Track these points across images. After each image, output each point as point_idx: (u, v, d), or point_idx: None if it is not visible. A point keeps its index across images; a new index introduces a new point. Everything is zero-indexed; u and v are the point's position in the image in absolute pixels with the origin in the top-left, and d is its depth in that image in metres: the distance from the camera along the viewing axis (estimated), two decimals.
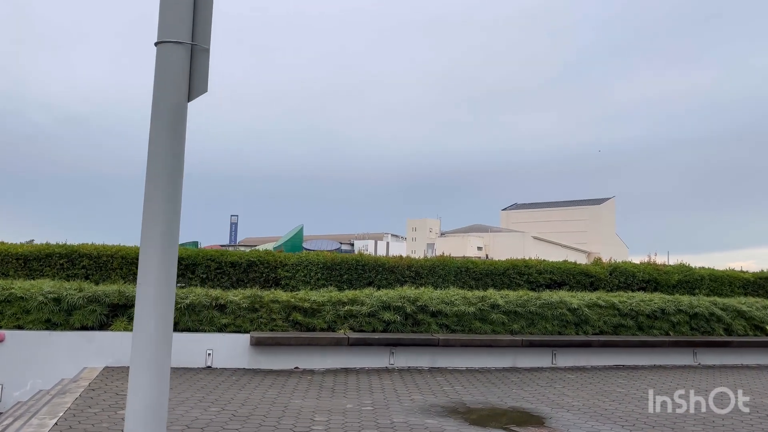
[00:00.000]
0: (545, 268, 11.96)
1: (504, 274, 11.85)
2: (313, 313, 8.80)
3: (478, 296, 9.53)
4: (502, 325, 9.35)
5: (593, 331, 9.78)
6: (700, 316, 10.40)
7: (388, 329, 8.87)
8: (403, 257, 11.71)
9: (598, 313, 9.89)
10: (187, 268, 10.80)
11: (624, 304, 10.12)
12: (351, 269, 11.24)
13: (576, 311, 9.67)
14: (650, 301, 10.32)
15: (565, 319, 9.62)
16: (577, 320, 9.72)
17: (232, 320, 8.42)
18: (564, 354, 9.40)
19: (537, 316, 9.53)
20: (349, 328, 8.75)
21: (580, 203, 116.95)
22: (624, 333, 9.97)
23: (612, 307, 10.04)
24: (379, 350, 8.67)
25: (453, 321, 9.18)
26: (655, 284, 12.35)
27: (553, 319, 9.57)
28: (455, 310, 9.16)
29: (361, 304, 8.96)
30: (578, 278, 12.11)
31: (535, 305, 9.52)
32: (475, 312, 9.25)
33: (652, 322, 10.14)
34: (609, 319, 9.91)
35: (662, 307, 10.20)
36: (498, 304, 9.40)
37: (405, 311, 8.97)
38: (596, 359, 9.59)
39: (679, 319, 10.20)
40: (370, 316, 8.88)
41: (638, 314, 10.07)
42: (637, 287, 12.26)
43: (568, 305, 9.66)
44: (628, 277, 12.31)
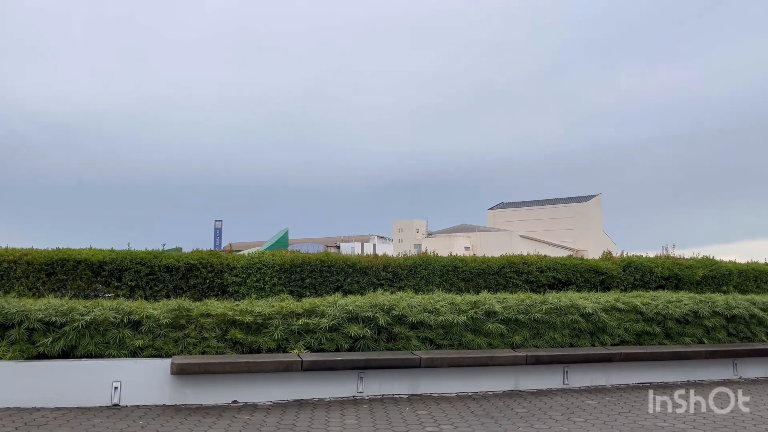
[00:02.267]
0: (547, 265, 10.08)
1: (499, 273, 9.96)
2: (257, 329, 6.83)
3: (469, 302, 7.61)
4: (500, 337, 7.45)
5: (612, 341, 7.91)
6: (738, 319, 8.58)
7: (355, 347, 6.94)
8: (379, 256, 9.78)
9: (617, 318, 8.02)
10: (111, 274, 8.80)
11: (648, 306, 8.26)
12: (315, 272, 9.29)
13: (591, 317, 7.79)
14: (679, 302, 8.48)
15: (578, 327, 7.75)
16: (593, 328, 7.84)
17: (150, 341, 6.44)
18: (578, 371, 7.52)
19: (543, 324, 7.63)
20: (305, 348, 6.81)
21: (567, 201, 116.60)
22: (649, 342, 8.11)
23: (634, 311, 8.18)
24: (344, 375, 6.72)
25: (439, 334, 7.25)
26: (676, 281, 10.54)
27: (563, 328, 7.69)
28: (441, 320, 7.24)
29: (320, 315, 7.03)
30: (587, 276, 10.26)
31: (540, 311, 7.63)
32: (467, 322, 7.34)
33: (682, 328, 8.28)
34: (631, 326, 8.05)
35: (694, 309, 8.36)
36: (495, 311, 7.49)
37: (377, 323, 7.04)
38: (618, 376, 7.72)
39: (714, 324, 8.37)
40: (332, 330, 6.93)
41: (666, 319, 8.22)
42: (655, 285, 10.43)
43: (581, 310, 7.78)
44: (644, 273, 10.48)
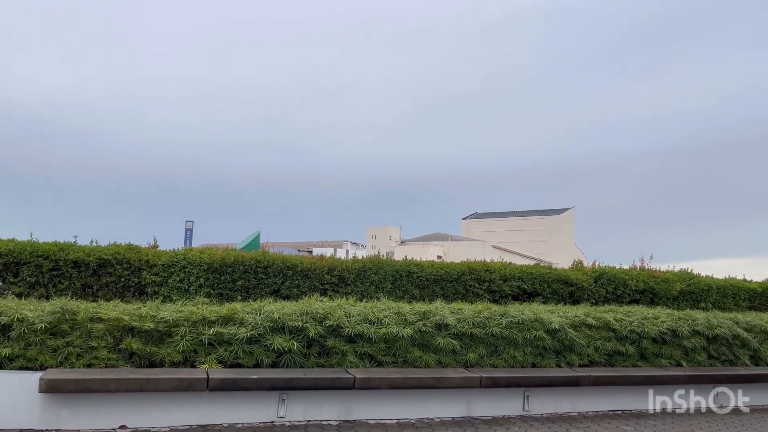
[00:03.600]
0: (512, 274, 9.10)
1: (458, 280, 8.95)
2: (160, 338, 5.69)
3: (418, 312, 6.56)
4: (452, 355, 6.42)
5: (580, 361, 6.93)
6: (720, 340, 7.69)
7: (279, 362, 5.84)
8: (324, 257, 8.69)
9: (587, 335, 7.05)
10: (7, 268, 7.53)
11: (621, 323, 7.31)
12: (248, 273, 8.16)
13: (557, 333, 6.81)
14: (656, 319, 7.55)
15: (543, 345, 6.76)
16: (559, 346, 6.86)
17: (21, 350, 5.29)
18: (541, 396, 6.52)
19: (502, 340, 6.62)
20: (218, 362, 5.68)
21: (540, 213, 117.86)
22: (622, 363, 7.15)
23: (606, 328, 7.22)
24: (262, 397, 5.60)
25: (380, 349, 6.19)
26: (651, 295, 9.64)
27: (526, 345, 6.68)
28: (384, 333, 6.18)
29: (239, 323, 5.90)
30: (555, 287, 9.30)
31: (499, 325, 6.62)
32: (414, 335, 6.28)
33: (659, 348, 7.35)
34: (602, 345, 7.08)
35: (673, 327, 7.44)
36: (447, 324, 6.46)
37: (307, 335, 5.94)
38: (586, 402, 6.74)
39: (694, 344, 7.46)
40: (252, 342, 5.83)
41: (641, 337, 7.29)
42: (629, 299, 9.52)
43: (547, 325, 6.80)
44: (618, 285, 9.57)
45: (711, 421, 6.77)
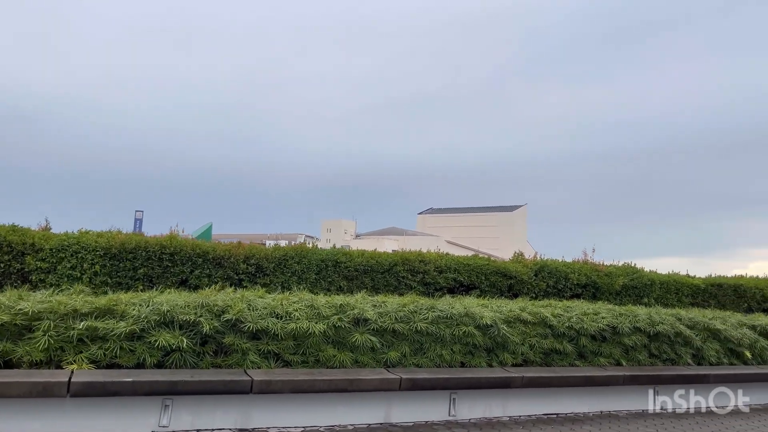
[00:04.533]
0: (448, 265, 8.46)
1: (390, 271, 8.25)
2: (19, 333, 4.74)
3: (334, 305, 5.80)
4: (371, 353, 5.70)
5: (514, 360, 6.32)
6: (662, 338, 7.20)
7: (167, 362, 4.97)
8: (241, 244, 7.83)
9: (522, 332, 6.45)
10: None
11: (559, 319, 6.74)
12: (152, 260, 7.26)
13: (489, 330, 6.18)
14: (596, 314, 7.01)
15: (473, 342, 6.12)
16: (491, 344, 6.23)
17: None
18: (468, 399, 5.88)
19: (428, 337, 5.93)
20: (90, 362, 4.80)
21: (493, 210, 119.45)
22: (559, 363, 6.58)
23: (542, 324, 6.63)
24: (140, 403, 4.75)
25: (288, 347, 5.41)
26: (594, 290, 9.15)
27: (454, 343, 6.03)
28: (292, 329, 5.41)
29: (119, 316, 5.01)
30: (493, 279, 8.71)
31: (425, 320, 5.93)
32: (327, 331, 5.53)
33: (598, 347, 6.81)
34: (538, 342, 6.49)
35: (613, 324, 6.90)
36: (366, 318, 5.74)
37: (201, 331, 5.10)
38: (518, 405, 6.12)
39: (635, 342, 6.94)
40: (134, 338, 4.96)
41: (579, 335, 6.72)
42: (570, 293, 9.00)
43: (478, 320, 6.16)
44: (559, 279, 9.04)
45: (650, 424, 6.27)
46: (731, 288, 12.12)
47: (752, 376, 7.46)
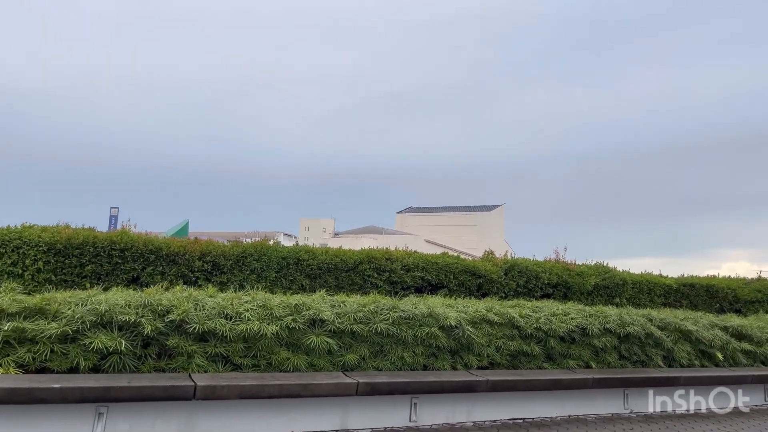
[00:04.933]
0: (415, 263, 8.17)
1: (355, 269, 7.94)
2: None
3: (288, 305, 5.46)
4: (328, 356, 5.37)
5: (479, 363, 6.05)
6: (633, 339, 6.98)
7: (103, 366, 4.61)
8: (198, 240, 7.44)
9: (488, 333, 6.18)
10: None
11: (527, 319, 6.48)
12: (100, 256, 6.86)
13: (453, 331, 5.90)
14: (565, 315, 6.77)
15: (436, 344, 5.83)
16: (455, 346, 5.95)
17: None
18: (431, 404, 5.58)
19: (389, 339, 5.64)
20: (17, 366, 4.42)
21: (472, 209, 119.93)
22: (527, 365, 6.32)
23: (510, 325, 6.36)
24: (71, 411, 4.38)
25: (238, 350, 5.06)
26: (565, 289, 8.94)
27: (416, 344, 5.73)
28: (242, 330, 5.05)
29: (51, 316, 4.63)
30: (462, 278, 8.44)
31: (386, 320, 5.62)
32: (280, 333, 5.20)
33: (567, 348, 6.57)
34: (504, 344, 6.22)
35: (583, 325, 6.67)
36: (323, 319, 5.41)
37: (142, 332, 4.72)
38: (483, 410, 5.85)
39: (605, 344, 6.71)
40: (67, 341, 4.57)
41: (548, 336, 6.47)
42: (541, 293, 8.77)
43: (442, 321, 5.87)
44: (530, 278, 8.80)
45: (620, 429, 6.05)
46: (703, 288, 12.03)
47: (724, 378, 7.30)
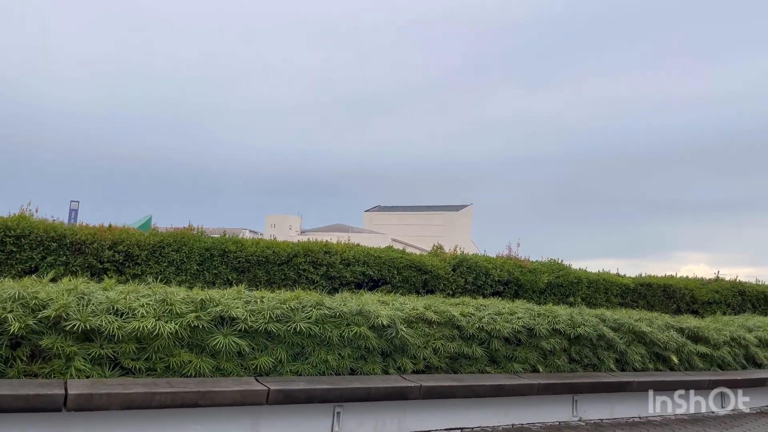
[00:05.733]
0: (356, 257, 7.55)
1: (289, 263, 7.28)
2: None
3: (193, 300, 4.75)
4: (238, 359, 4.68)
5: (415, 366, 5.44)
6: (584, 341, 6.46)
7: None
8: (112, 227, 6.65)
9: (425, 334, 5.56)
10: None
11: (469, 319, 5.91)
12: None
13: (386, 331, 5.26)
14: (511, 314, 6.21)
15: (366, 346, 5.19)
16: (388, 347, 5.33)
17: None
18: (357, 412, 4.96)
19: (311, 339, 4.97)
20: None
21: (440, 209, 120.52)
22: (468, 369, 5.74)
23: (450, 324, 5.77)
24: None
25: (129, 351, 4.36)
26: (516, 287, 8.43)
27: (343, 346, 5.09)
28: (134, 328, 4.30)
29: None
30: (406, 274, 7.85)
31: (308, 319, 4.95)
32: (180, 332, 4.48)
33: (512, 351, 6.00)
34: (443, 345, 5.63)
35: (530, 325, 6.11)
36: (233, 317, 4.70)
37: (9, 330, 3.96)
38: (416, 419, 5.25)
39: (553, 346, 6.17)
40: None
41: (492, 337, 5.89)
42: (491, 291, 8.25)
43: (373, 319, 5.22)
44: (479, 275, 8.27)
45: None
46: (660, 288, 11.69)
47: (678, 383, 6.84)
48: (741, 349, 8.20)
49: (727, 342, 8.12)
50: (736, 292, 12.46)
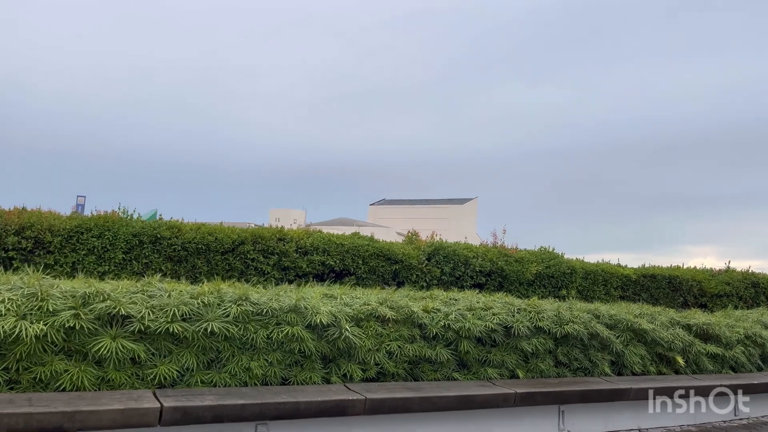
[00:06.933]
0: (314, 245, 6.58)
1: (234, 251, 6.33)
2: None
3: (74, 294, 3.74)
4: (132, 367, 3.69)
5: (365, 374, 4.45)
6: (572, 340, 5.42)
7: None
8: (23, 210, 5.69)
9: (378, 334, 4.55)
10: None
11: (434, 316, 4.87)
12: None
13: (327, 331, 4.24)
14: (486, 309, 5.18)
15: (301, 349, 4.15)
16: (330, 351, 4.34)
17: None
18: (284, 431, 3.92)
19: (229, 342, 3.97)
20: None
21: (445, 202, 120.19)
22: (431, 376, 4.74)
23: (409, 322, 4.78)
24: None
25: None
26: (501, 278, 7.45)
27: (272, 350, 4.10)
28: None
29: None
30: (373, 264, 6.87)
31: (224, 317, 3.95)
32: (52, 334, 3.46)
33: (486, 354, 4.98)
34: (401, 348, 4.61)
35: (507, 322, 5.08)
36: (127, 315, 3.69)
37: None
38: None
39: (536, 347, 5.13)
40: None
41: (461, 337, 4.85)
42: (471, 283, 7.24)
43: (310, 317, 4.21)
44: (457, 265, 7.27)
45: None
46: (666, 280, 10.66)
47: (685, 389, 5.81)
48: (757, 348, 7.19)
49: (740, 340, 7.12)
50: (749, 284, 11.41)
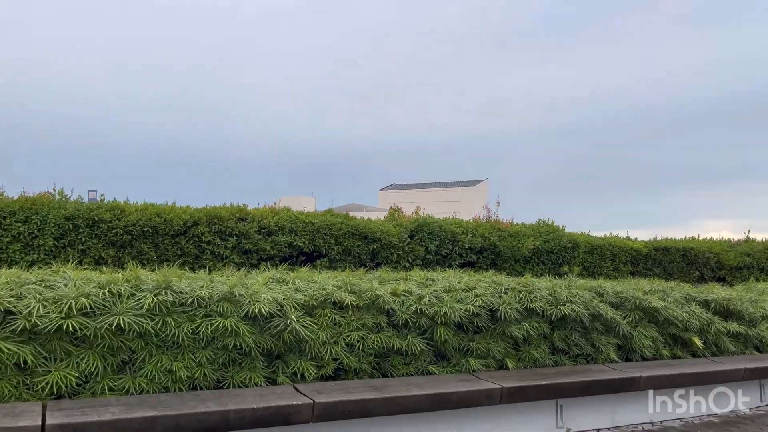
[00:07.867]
0: (280, 224, 5.85)
1: (186, 234, 5.57)
2: None
3: None
4: (17, 374, 2.90)
5: (321, 371, 3.67)
6: (570, 323, 4.62)
7: None
8: None
9: (335, 323, 3.76)
10: None
11: (404, 300, 4.08)
12: None
13: (270, 322, 3.45)
14: (468, 290, 4.38)
15: (238, 345, 3.36)
16: (275, 346, 3.56)
17: None
18: None
19: (145, 340, 3.17)
20: None
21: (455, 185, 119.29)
22: (403, 370, 3.97)
23: (374, 308, 3.99)
24: None
25: None
26: (494, 255, 6.69)
27: (201, 347, 3.32)
28: None
29: None
30: (347, 244, 6.13)
31: (136, 309, 3.16)
32: None
33: (468, 342, 4.19)
34: (363, 339, 3.83)
35: (493, 304, 4.28)
36: (9, 311, 2.90)
37: None
38: None
39: (527, 332, 4.32)
40: None
41: (435, 323, 4.05)
42: (461, 261, 6.46)
43: (248, 306, 3.42)
44: (444, 242, 6.51)
45: None
46: (680, 252, 9.81)
47: (703, 376, 5.01)
48: None
49: (765, 316, 6.30)
50: None
